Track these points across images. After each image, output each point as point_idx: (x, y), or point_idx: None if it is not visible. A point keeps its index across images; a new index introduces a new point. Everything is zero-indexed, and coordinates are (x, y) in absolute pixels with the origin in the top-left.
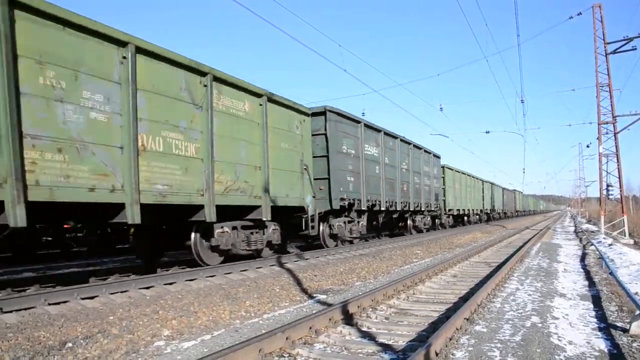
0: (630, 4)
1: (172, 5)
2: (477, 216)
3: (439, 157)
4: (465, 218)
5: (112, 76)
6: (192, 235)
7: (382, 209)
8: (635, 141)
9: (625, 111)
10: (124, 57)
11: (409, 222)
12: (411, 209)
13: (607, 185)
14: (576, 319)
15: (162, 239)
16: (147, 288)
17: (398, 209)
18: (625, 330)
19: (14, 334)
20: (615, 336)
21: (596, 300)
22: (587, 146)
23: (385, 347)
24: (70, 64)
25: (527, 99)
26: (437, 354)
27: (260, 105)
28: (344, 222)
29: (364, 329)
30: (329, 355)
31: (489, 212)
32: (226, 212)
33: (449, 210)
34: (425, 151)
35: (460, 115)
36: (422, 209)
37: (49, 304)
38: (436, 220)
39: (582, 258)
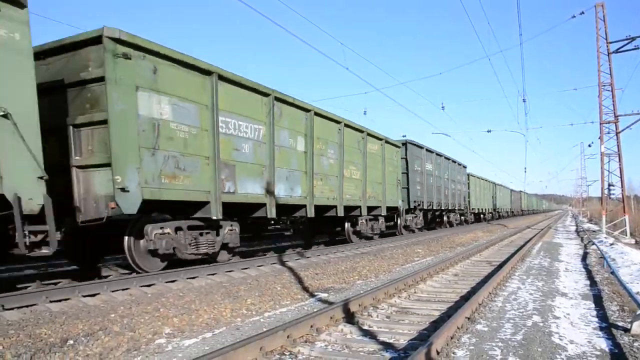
0: (633, 4)
1: (173, 2)
2: (491, 214)
3: (465, 167)
4: (482, 215)
5: (335, 140)
6: (346, 224)
7: (434, 208)
8: (637, 141)
9: (627, 110)
10: (339, 130)
11: (445, 218)
12: (449, 208)
13: (609, 185)
14: (577, 318)
15: (319, 226)
16: (149, 286)
17: (442, 208)
18: (626, 330)
19: (16, 331)
20: (617, 336)
21: (597, 300)
22: (589, 145)
23: (387, 346)
24: (325, 137)
25: (529, 98)
26: (438, 353)
27: (381, 145)
28: (412, 217)
29: (365, 327)
30: (330, 354)
31: (499, 210)
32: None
33: (472, 209)
34: (458, 164)
35: (462, 114)
36: (455, 209)
37: (51, 301)
38: (462, 217)
39: (584, 257)
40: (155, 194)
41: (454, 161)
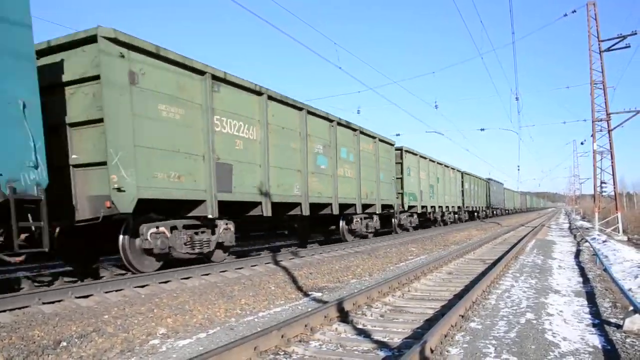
0: (624, 2)
1: (167, 1)
2: (509, 210)
3: (502, 184)
4: (506, 212)
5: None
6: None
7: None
8: (629, 138)
9: (619, 108)
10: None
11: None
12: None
13: (601, 182)
14: (570, 315)
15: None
16: (142, 287)
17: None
18: (619, 326)
19: (8, 333)
20: (609, 332)
21: (590, 297)
22: (582, 143)
23: (381, 345)
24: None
25: (522, 97)
26: (432, 351)
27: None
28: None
29: (360, 326)
30: (324, 353)
31: (512, 208)
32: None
33: (505, 209)
34: (496, 181)
35: (456, 113)
36: (497, 207)
37: (43, 303)
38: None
39: (577, 255)
40: None
41: (495, 181)
